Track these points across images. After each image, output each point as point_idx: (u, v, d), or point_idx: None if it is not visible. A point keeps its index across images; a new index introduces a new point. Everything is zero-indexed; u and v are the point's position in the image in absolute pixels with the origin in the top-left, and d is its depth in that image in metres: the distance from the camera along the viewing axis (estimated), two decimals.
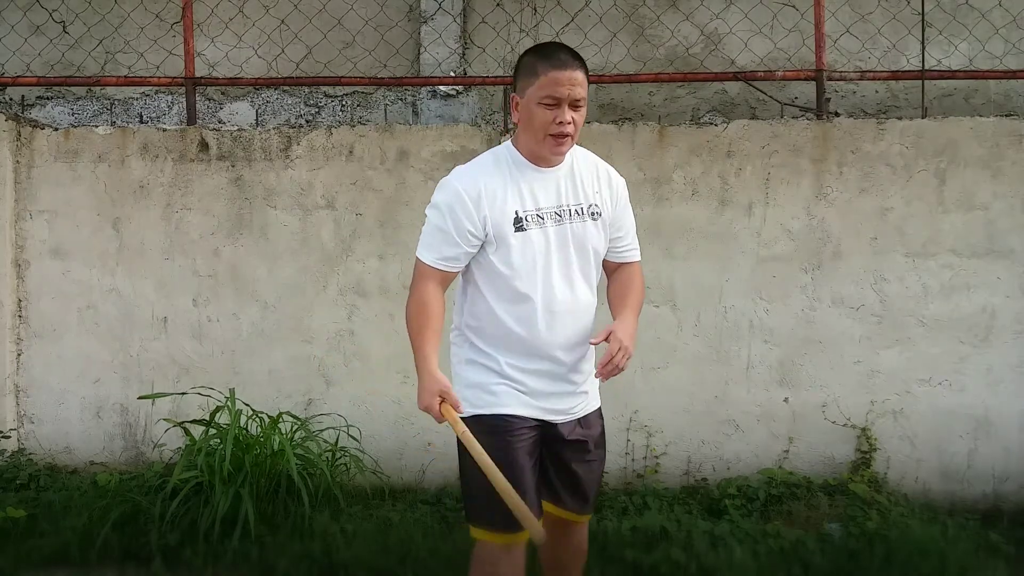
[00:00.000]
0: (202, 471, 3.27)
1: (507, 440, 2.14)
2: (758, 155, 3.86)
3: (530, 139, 2.13)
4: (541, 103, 2.07)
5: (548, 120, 2.07)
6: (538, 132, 2.10)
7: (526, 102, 2.11)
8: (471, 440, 2.03)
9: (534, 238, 2.15)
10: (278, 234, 4.05)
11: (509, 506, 1.97)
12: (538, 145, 2.13)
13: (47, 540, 3.30)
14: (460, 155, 3.95)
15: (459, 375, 2.25)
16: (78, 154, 4.13)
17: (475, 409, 2.17)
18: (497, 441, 2.12)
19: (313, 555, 3.15)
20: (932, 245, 3.79)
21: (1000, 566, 3.10)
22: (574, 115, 2.08)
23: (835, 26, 4.59)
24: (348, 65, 4.84)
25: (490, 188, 2.13)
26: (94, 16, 5.04)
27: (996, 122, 3.78)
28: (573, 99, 2.07)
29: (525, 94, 2.11)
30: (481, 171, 2.18)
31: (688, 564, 3.08)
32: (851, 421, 3.80)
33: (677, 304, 3.88)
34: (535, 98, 2.08)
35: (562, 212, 2.17)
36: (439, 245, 2.14)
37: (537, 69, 2.08)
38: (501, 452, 2.09)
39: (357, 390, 3.98)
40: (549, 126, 2.08)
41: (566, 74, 2.05)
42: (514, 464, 2.11)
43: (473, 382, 2.21)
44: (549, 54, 2.09)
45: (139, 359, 4.09)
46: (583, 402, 2.30)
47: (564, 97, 2.06)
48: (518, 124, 2.16)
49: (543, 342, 2.17)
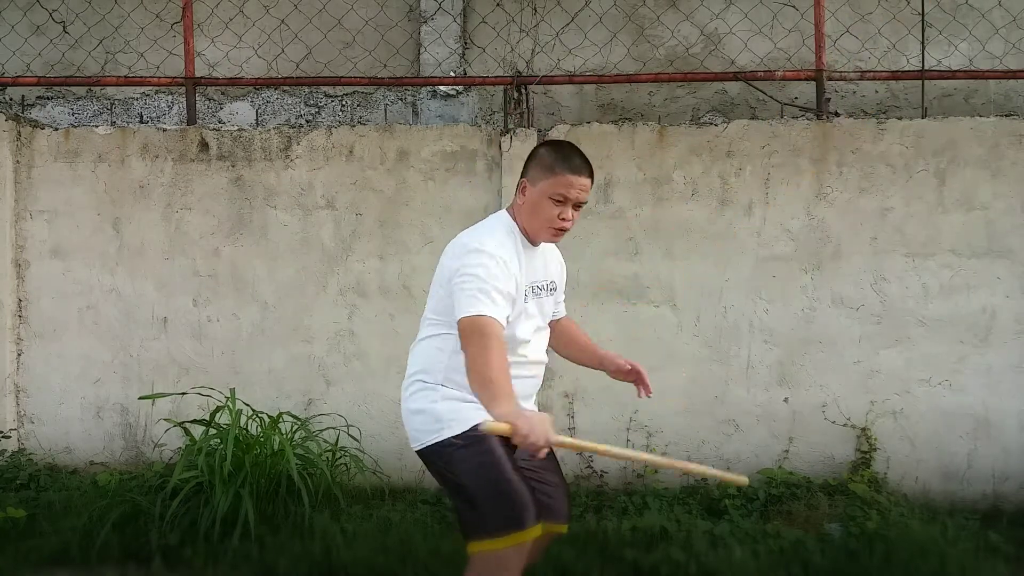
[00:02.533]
0: (202, 471, 3.26)
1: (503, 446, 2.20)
2: (758, 155, 3.86)
3: (531, 223, 2.30)
4: (552, 198, 2.25)
5: (553, 215, 2.26)
6: (542, 222, 2.28)
7: (537, 192, 2.27)
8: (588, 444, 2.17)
9: (530, 308, 2.33)
10: (278, 234, 4.05)
11: (707, 474, 2.24)
12: (537, 231, 2.30)
13: (47, 540, 3.29)
14: (460, 155, 3.95)
15: (431, 410, 2.28)
16: (78, 154, 4.13)
17: (468, 423, 2.21)
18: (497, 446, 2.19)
19: (313, 555, 3.15)
20: (932, 245, 3.79)
21: (1000, 566, 3.10)
22: (574, 214, 2.29)
23: (835, 26, 4.59)
24: (348, 65, 4.84)
25: (513, 256, 2.27)
26: (94, 16, 5.04)
27: (996, 122, 3.78)
28: (578, 201, 2.27)
29: (537, 185, 2.27)
30: (503, 238, 2.29)
31: (688, 564, 3.08)
32: (851, 421, 3.80)
33: (677, 304, 3.88)
34: (547, 192, 2.25)
35: (539, 287, 2.38)
36: (503, 304, 2.18)
37: (555, 168, 2.25)
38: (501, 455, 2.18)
39: (357, 390, 3.99)
40: (553, 220, 2.26)
41: (580, 180, 2.25)
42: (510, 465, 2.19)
43: (454, 407, 2.26)
44: (567, 156, 2.27)
45: (139, 359, 4.09)
46: None
47: (572, 198, 2.25)
48: (522, 205, 2.31)
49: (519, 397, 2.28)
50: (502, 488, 2.15)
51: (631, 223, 3.90)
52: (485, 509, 2.17)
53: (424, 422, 2.27)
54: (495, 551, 2.17)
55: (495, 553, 2.17)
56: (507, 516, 2.16)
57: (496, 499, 2.16)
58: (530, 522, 2.16)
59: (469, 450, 2.18)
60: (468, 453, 2.18)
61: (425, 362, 2.33)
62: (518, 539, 2.16)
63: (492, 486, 2.16)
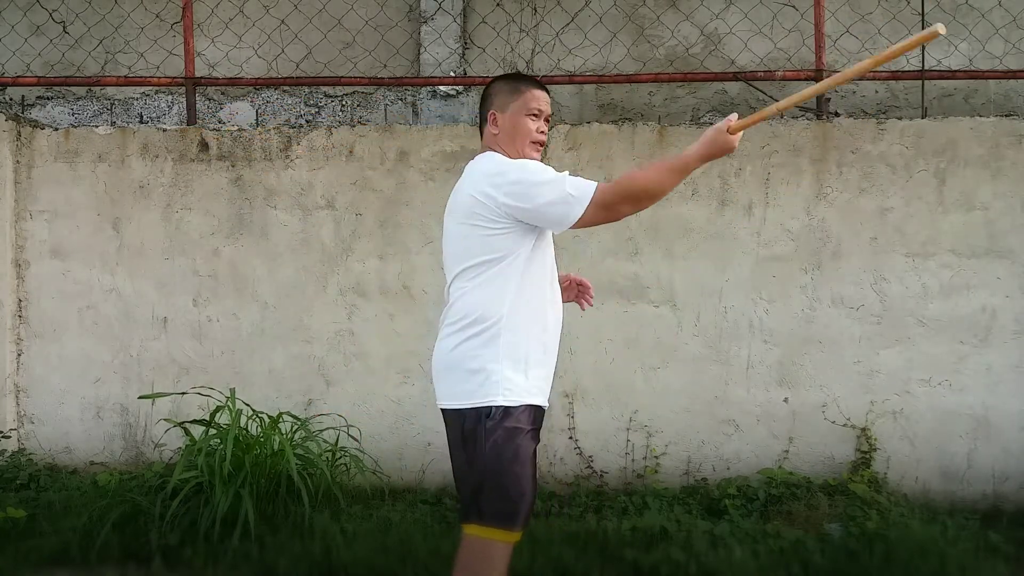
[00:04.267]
0: (202, 471, 3.26)
1: (535, 434, 2.24)
2: (758, 155, 3.86)
3: (514, 144, 2.36)
4: (529, 114, 2.35)
5: (532, 129, 2.36)
6: (524, 139, 2.36)
7: (511, 115, 2.36)
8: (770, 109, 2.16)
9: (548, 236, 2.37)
10: (278, 234, 4.05)
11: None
12: (521, 150, 2.36)
13: (47, 540, 3.29)
14: (460, 155, 3.95)
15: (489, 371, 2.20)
16: (78, 154, 4.13)
17: (521, 399, 2.21)
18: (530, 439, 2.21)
19: (313, 555, 3.15)
20: (932, 245, 3.79)
21: (1000, 566, 3.10)
22: (545, 128, 2.40)
23: (835, 26, 4.59)
24: (348, 65, 4.84)
25: None
26: (94, 16, 5.04)
27: (996, 122, 3.78)
28: (547, 114, 2.40)
29: (509, 108, 2.36)
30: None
31: (688, 564, 3.08)
32: (851, 421, 3.80)
33: (677, 304, 3.88)
34: (522, 110, 2.35)
35: None
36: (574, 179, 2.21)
37: (519, 87, 2.38)
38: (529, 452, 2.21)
39: (357, 390, 3.99)
40: (533, 134, 2.36)
41: (543, 93, 2.39)
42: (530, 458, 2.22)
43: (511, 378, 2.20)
44: (525, 77, 2.46)
45: (139, 359, 4.09)
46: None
47: (544, 111, 2.38)
48: (497, 135, 2.37)
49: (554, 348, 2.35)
50: (513, 482, 2.16)
51: (631, 223, 3.89)
52: (488, 495, 2.18)
53: (478, 382, 2.18)
54: (482, 538, 2.18)
55: (483, 540, 2.18)
56: (503, 511, 2.16)
57: (502, 490, 2.16)
58: (519, 525, 2.18)
59: (506, 430, 2.16)
60: (504, 432, 2.16)
61: (480, 308, 2.21)
62: (504, 536, 2.18)
63: (506, 476, 2.16)
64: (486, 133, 2.39)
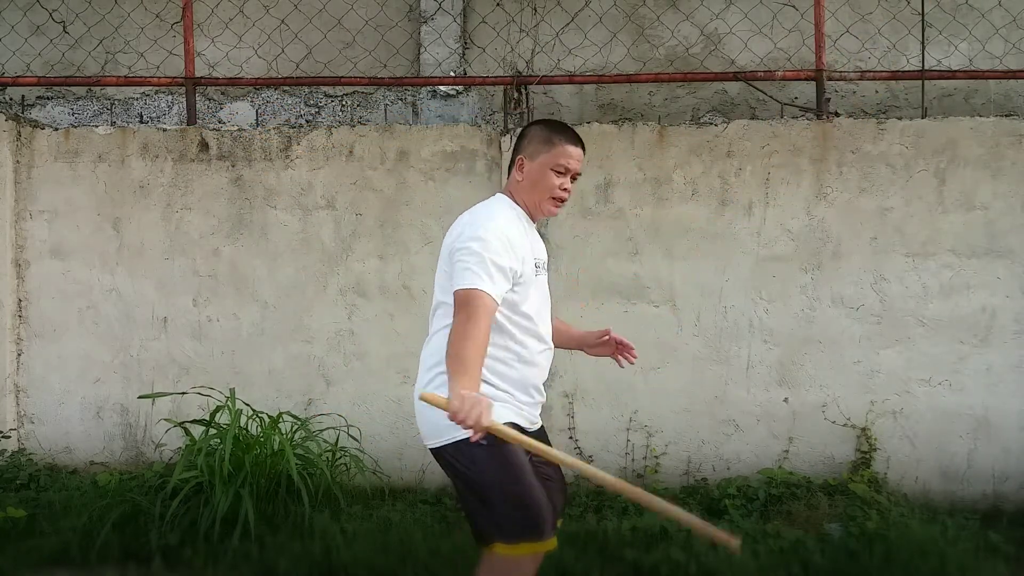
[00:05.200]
0: (202, 471, 3.26)
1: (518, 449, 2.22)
2: (758, 155, 3.86)
3: (533, 196, 2.35)
4: (554, 170, 2.32)
5: (555, 185, 2.33)
6: (544, 193, 2.34)
7: (538, 165, 2.33)
8: (532, 443, 2.13)
9: (540, 282, 2.35)
10: (278, 234, 4.05)
11: (692, 525, 2.15)
12: (539, 203, 2.35)
13: (47, 540, 3.29)
14: (460, 155, 3.95)
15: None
16: (78, 154, 4.13)
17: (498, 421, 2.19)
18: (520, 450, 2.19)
19: (313, 555, 3.15)
20: (932, 245, 3.79)
21: (1000, 566, 3.10)
22: (570, 185, 2.36)
23: (835, 26, 4.59)
24: (348, 65, 4.84)
25: (517, 231, 2.29)
26: (94, 16, 5.04)
27: (996, 122, 3.78)
28: (575, 172, 2.36)
29: (537, 159, 2.33)
30: (507, 214, 2.32)
31: (688, 564, 3.08)
32: (851, 421, 3.80)
33: (677, 304, 3.88)
34: (548, 164, 2.32)
35: (541, 264, 2.40)
36: (500, 280, 2.18)
37: (553, 140, 2.33)
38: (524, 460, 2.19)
39: (357, 390, 3.99)
40: (555, 191, 2.33)
41: (577, 150, 2.35)
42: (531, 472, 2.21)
43: None
44: (564, 129, 2.38)
45: (139, 359, 4.09)
46: (538, 413, 2.44)
47: (572, 169, 2.34)
48: (520, 182, 2.36)
49: (536, 377, 2.34)
50: (524, 495, 2.15)
51: (631, 223, 3.90)
52: (504, 514, 2.16)
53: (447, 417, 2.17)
54: (512, 556, 2.17)
55: (511, 558, 2.17)
56: (526, 525, 2.15)
57: (517, 506, 2.15)
58: (548, 533, 2.17)
59: (495, 450, 2.15)
60: (493, 453, 2.15)
61: (444, 349, 2.23)
62: (535, 548, 2.17)
63: (514, 492, 2.15)
64: (512, 177, 2.37)
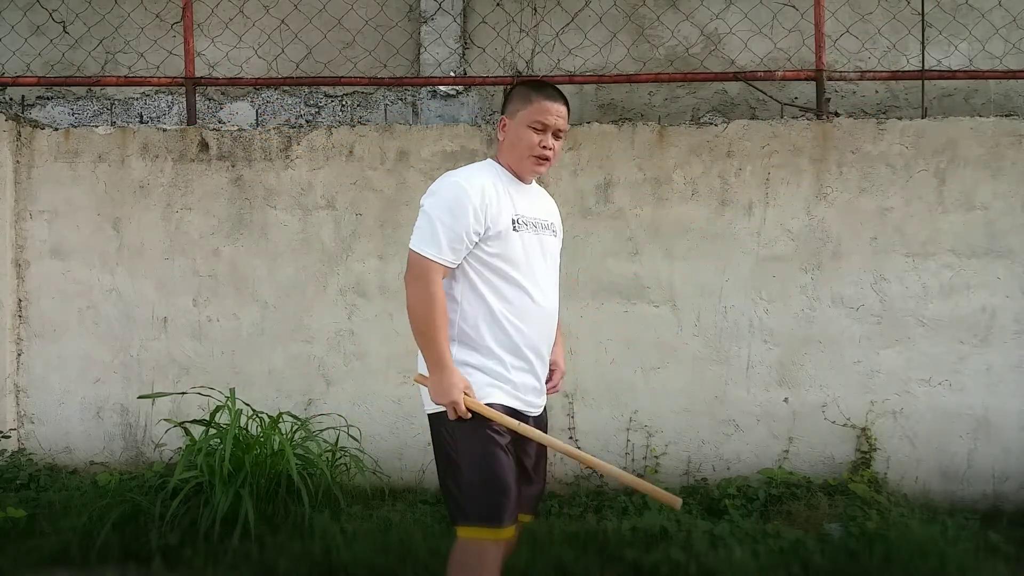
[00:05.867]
0: (202, 471, 3.26)
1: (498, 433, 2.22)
2: (758, 155, 3.86)
3: (514, 157, 2.34)
4: (531, 126, 2.30)
5: (534, 142, 2.30)
6: (523, 151, 2.32)
7: (516, 123, 2.33)
8: (509, 420, 2.19)
9: (525, 238, 2.31)
10: (278, 234, 4.05)
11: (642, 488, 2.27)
12: (521, 163, 2.34)
13: (47, 540, 3.29)
14: (460, 155, 3.95)
15: None
16: (78, 154, 4.13)
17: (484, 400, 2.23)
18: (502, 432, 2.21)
19: (313, 555, 3.15)
20: (932, 245, 3.79)
21: (1000, 566, 3.10)
22: (555, 143, 2.33)
23: (835, 26, 4.59)
24: (348, 65, 4.84)
25: (489, 188, 2.28)
26: (94, 16, 5.04)
27: (996, 122, 3.78)
28: (556, 128, 2.32)
29: (516, 116, 2.33)
30: (479, 173, 2.32)
31: (688, 564, 3.08)
32: (851, 421, 3.80)
33: (677, 304, 3.88)
34: (526, 121, 2.31)
35: (537, 224, 2.37)
36: (447, 242, 2.21)
37: (531, 97, 2.32)
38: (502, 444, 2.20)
39: (357, 390, 3.99)
40: (534, 148, 2.31)
41: (555, 106, 2.31)
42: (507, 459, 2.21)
43: (474, 378, 2.26)
44: (542, 87, 2.36)
45: (139, 359, 4.09)
46: (542, 402, 2.42)
47: (550, 125, 2.31)
48: (503, 142, 2.36)
49: (528, 338, 2.30)
50: (492, 478, 2.16)
51: (631, 223, 3.90)
52: (469, 494, 2.18)
53: None
54: (471, 539, 2.19)
55: (473, 541, 2.19)
56: (486, 510, 2.17)
57: (482, 489, 2.17)
58: (506, 522, 2.18)
59: (476, 428, 2.17)
60: (475, 429, 2.17)
61: None
62: (491, 535, 2.18)
63: (483, 474, 2.17)
64: (497, 138, 2.39)
